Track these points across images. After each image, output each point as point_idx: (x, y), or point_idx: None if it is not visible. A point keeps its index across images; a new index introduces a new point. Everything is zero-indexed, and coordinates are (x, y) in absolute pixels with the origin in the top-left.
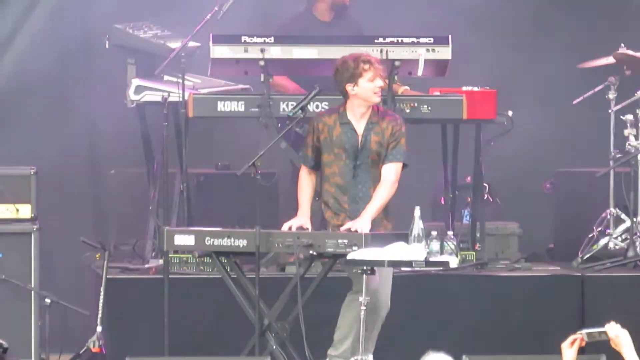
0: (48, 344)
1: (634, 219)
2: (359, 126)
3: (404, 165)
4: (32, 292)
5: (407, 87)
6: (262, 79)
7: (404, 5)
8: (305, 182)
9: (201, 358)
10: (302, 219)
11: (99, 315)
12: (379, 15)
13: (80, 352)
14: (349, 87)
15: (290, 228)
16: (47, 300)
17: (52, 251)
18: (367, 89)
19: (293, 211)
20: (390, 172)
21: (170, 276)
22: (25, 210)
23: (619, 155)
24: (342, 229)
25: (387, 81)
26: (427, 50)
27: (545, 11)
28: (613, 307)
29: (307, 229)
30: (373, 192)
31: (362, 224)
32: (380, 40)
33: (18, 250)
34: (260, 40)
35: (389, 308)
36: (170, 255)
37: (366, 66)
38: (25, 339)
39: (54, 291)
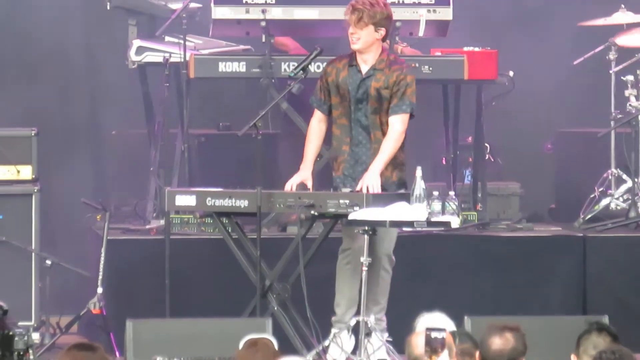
0: (48, 305)
1: (635, 180)
2: (364, 69)
3: (411, 116)
4: (33, 254)
5: (405, 45)
6: (263, 40)
7: None
8: (314, 133)
9: (202, 319)
10: (304, 174)
11: (100, 277)
12: None
13: (81, 314)
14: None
15: (292, 187)
16: (48, 262)
17: (53, 212)
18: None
19: (293, 171)
20: (396, 123)
21: (171, 237)
22: (26, 172)
23: (620, 115)
24: (357, 188)
25: (361, 18)
26: (428, 10)
27: None
28: (615, 267)
29: (309, 186)
30: (372, 137)
31: (371, 179)
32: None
33: (19, 212)
34: (262, 1)
35: (389, 264)
36: (171, 216)
37: (346, 15)
38: (26, 301)
39: (55, 253)
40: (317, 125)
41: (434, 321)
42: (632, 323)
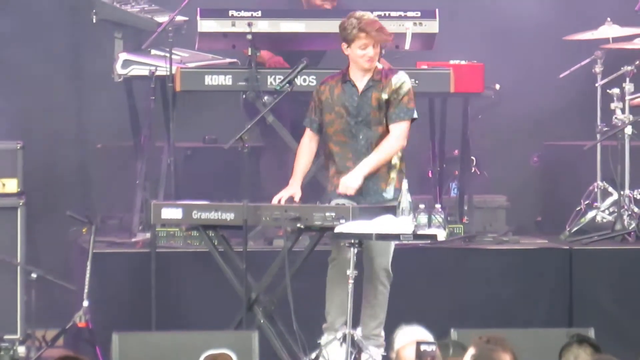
0: (34, 319)
1: (621, 192)
2: (360, 84)
3: (413, 120)
4: (18, 267)
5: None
6: (249, 53)
7: None
8: (304, 150)
9: (189, 332)
10: (292, 189)
11: (86, 290)
12: None
13: (67, 327)
14: (344, 46)
15: (280, 200)
16: (33, 275)
17: (38, 225)
18: (356, 55)
19: (276, 184)
20: (395, 130)
21: (157, 250)
22: (11, 185)
23: (606, 128)
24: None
25: (384, 40)
26: (414, 23)
27: None
28: (601, 280)
29: (297, 200)
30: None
31: (349, 181)
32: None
33: (4, 225)
34: (248, 14)
35: (387, 278)
36: (157, 229)
37: (361, 34)
38: (11, 314)
39: (40, 266)
40: (308, 143)
41: (413, 334)
42: (618, 335)
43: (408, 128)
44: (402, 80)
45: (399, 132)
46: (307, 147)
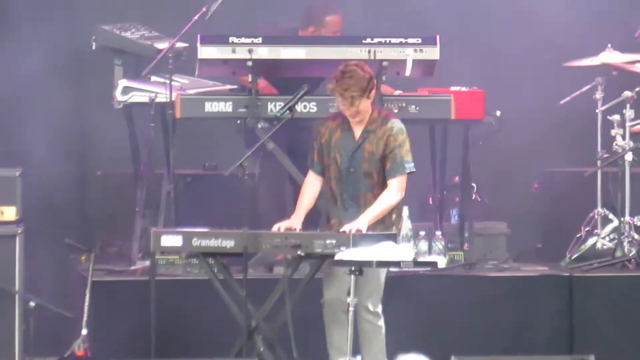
0: (32, 347)
1: (622, 219)
2: (358, 132)
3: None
4: (17, 295)
5: (400, 92)
6: (249, 80)
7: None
8: (308, 188)
9: None
10: (293, 222)
11: (85, 318)
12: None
13: (66, 356)
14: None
15: (280, 228)
16: (32, 303)
17: (37, 253)
18: (339, 104)
19: (274, 212)
20: (392, 184)
21: (157, 278)
22: (10, 213)
23: (607, 155)
24: (341, 230)
25: (353, 98)
26: (415, 50)
27: (531, 8)
28: (601, 307)
29: (296, 229)
30: (362, 201)
31: (357, 225)
32: (368, 40)
33: (2, 253)
34: (248, 40)
35: (371, 315)
36: (157, 257)
37: (331, 85)
38: (9, 343)
39: (39, 294)
40: (311, 182)
41: None
42: None
43: (406, 181)
44: (396, 134)
45: (398, 185)
46: (311, 185)
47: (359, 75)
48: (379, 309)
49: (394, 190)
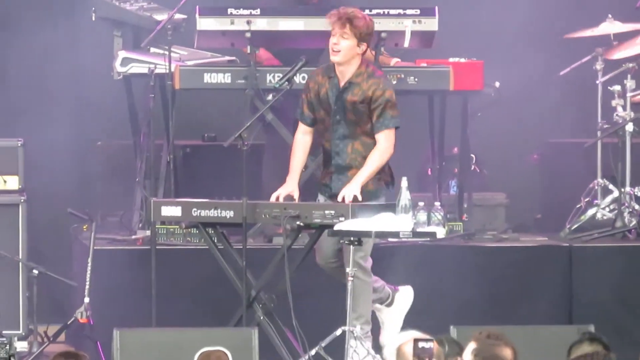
0: (36, 315)
1: (622, 190)
2: (342, 83)
3: (396, 128)
4: (20, 264)
5: (398, 60)
6: (248, 51)
7: None
8: (298, 146)
9: (189, 329)
10: (289, 186)
11: (87, 287)
12: None
13: (68, 323)
14: None
15: (277, 198)
16: (35, 272)
17: (39, 222)
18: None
19: (278, 182)
20: (381, 139)
21: (157, 247)
22: (12, 182)
23: (607, 126)
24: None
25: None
26: (414, 21)
27: None
28: (601, 277)
29: (295, 197)
30: (350, 149)
31: (349, 190)
32: (367, 12)
33: (5, 222)
34: (247, 12)
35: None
36: (157, 226)
37: (330, 21)
38: (13, 310)
39: (42, 262)
40: (301, 138)
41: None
42: (617, 333)
43: (394, 135)
44: (383, 88)
45: (386, 142)
46: (301, 141)
47: (363, 18)
48: (368, 264)
49: (383, 147)
